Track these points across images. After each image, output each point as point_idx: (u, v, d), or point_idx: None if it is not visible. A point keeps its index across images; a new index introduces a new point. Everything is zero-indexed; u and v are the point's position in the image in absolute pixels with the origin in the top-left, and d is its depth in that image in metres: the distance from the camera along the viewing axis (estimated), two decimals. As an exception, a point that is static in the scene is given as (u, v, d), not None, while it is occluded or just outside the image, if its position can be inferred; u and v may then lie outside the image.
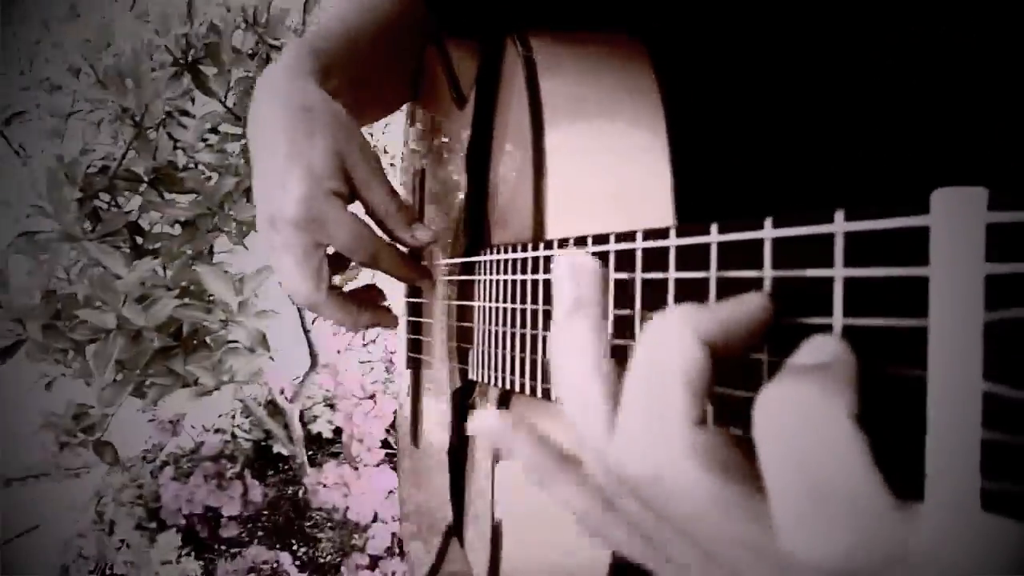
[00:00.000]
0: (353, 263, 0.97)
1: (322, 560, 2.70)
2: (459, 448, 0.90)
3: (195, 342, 2.14)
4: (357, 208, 0.93)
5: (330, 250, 0.92)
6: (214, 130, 2.43)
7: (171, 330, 2.11)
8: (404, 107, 1.22)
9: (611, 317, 0.52)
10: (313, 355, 2.84)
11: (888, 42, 0.66)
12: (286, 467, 2.97)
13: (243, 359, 2.15)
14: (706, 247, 0.42)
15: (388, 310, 1.03)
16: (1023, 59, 0.60)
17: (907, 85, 0.66)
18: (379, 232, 0.94)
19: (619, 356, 0.50)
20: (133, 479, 2.73)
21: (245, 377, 2.17)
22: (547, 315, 0.62)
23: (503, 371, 0.73)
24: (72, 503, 2.63)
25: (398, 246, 0.96)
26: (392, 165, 2.98)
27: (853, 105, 0.68)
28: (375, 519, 2.73)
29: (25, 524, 2.84)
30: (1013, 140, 0.60)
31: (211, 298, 2.14)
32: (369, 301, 1.01)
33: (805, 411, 0.34)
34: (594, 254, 0.54)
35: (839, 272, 0.34)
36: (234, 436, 3.07)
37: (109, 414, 2.21)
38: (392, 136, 3.08)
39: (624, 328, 0.50)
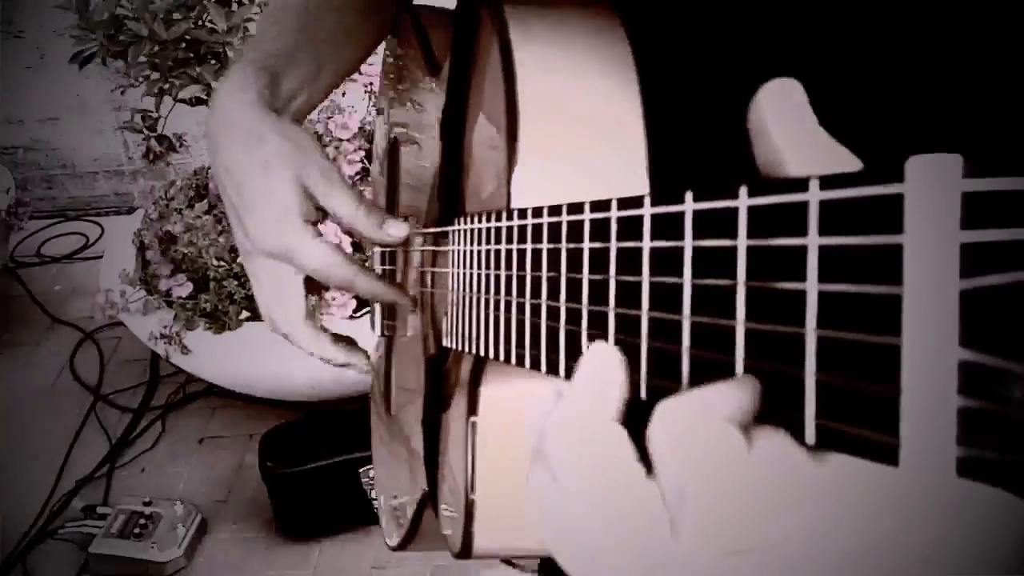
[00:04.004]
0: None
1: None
2: (433, 415, 0.90)
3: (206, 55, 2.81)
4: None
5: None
6: None
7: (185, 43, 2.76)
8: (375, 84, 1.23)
9: (586, 288, 0.52)
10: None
11: (863, 10, 0.66)
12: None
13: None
14: (680, 215, 0.42)
15: (362, 352, 1.03)
16: (997, 24, 0.60)
17: (882, 52, 0.65)
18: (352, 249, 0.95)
19: (597, 327, 0.50)
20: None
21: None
22: (520, 281, 0.62)
23: (478, 338, 0.73)
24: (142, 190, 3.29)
25: (374, 268, 0.98)
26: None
27: (828, 69, 0.68)
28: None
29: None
30: (987, 106, 0.60)
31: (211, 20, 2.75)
32: (344, 340, 1.02)
33: (580, 431, 0.41)
34: (568, 223, 0.54)
35: (813, 240, 0.34)
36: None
37: (163, 115, 2.97)
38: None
39: (599, 296, 0.50)
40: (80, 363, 3.75)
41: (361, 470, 2.69)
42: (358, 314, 2.77)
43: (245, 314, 2.85)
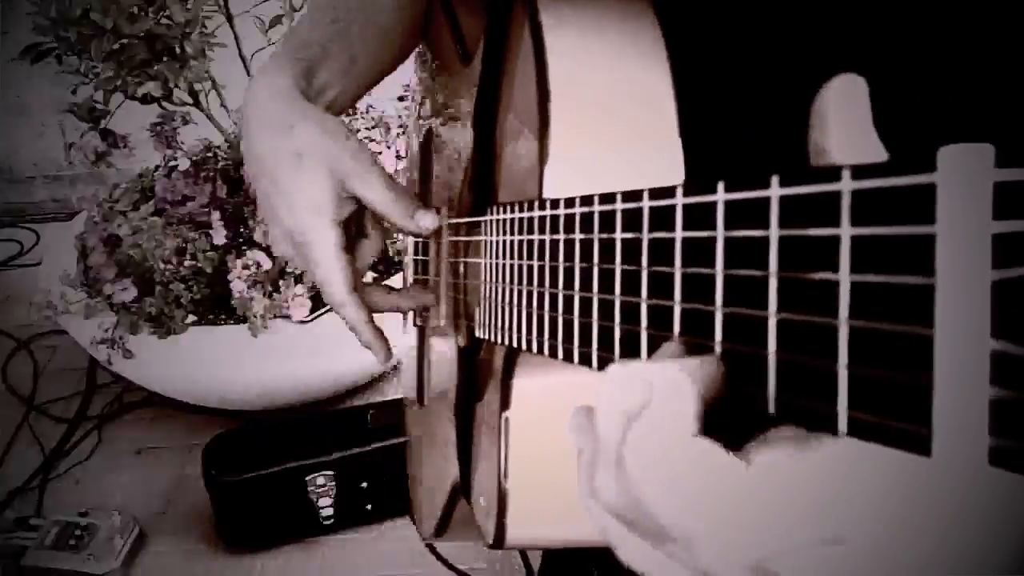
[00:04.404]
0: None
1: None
2: (465, 406, 0.90)
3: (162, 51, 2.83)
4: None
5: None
6: None
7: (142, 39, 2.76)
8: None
9: (618, 279, 0.51)
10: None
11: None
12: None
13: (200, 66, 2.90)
14: (712, 205, 0.42)
15: (386, 344, 1.04)
16: None
17: (915, 38, 0.65)
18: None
19: (629, 307, 0.50)
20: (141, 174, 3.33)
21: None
22: (552, 272, 0.62)
23: (509, 329, 0.73)
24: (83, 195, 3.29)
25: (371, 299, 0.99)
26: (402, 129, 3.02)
27: (860, 59, 0.68)
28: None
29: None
30: (1018, 95, 0.59)
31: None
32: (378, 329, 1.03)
33: (663, 447, 0.39)
34: (600, 213, 0.54)
35: (846, 231, 0.33)
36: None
37: (111, 110, 2.95)
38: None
39: (631, 287, 0.50)
40: (13, 373, 3.65)
41: (308, 478, 2.65)
42: (309, 317, 2.72)
43: (191, 318, 2.77)
